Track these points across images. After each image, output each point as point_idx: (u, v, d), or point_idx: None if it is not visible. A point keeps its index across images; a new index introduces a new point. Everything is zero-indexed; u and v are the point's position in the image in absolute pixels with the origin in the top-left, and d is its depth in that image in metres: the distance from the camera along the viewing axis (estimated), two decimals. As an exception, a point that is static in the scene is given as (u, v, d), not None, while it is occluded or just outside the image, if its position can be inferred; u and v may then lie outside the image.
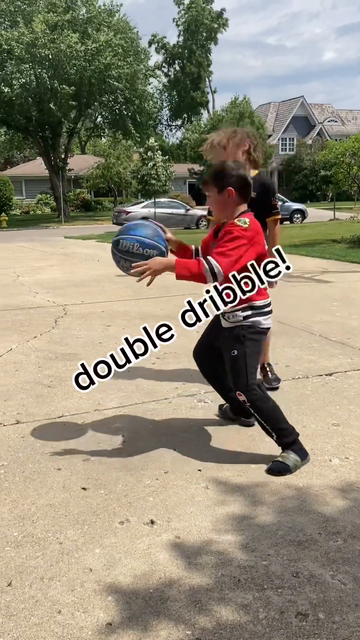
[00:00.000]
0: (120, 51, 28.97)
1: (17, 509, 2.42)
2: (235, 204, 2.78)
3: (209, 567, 2.03)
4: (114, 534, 2.24)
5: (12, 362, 4.53)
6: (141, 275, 2.73)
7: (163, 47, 59.53)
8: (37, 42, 26.16)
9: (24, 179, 46.44)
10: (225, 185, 2.75)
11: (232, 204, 2.78)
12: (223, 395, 3.29)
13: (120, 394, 3.79)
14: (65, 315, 6.28)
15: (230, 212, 2.80)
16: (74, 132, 35.81)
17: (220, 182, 2.77)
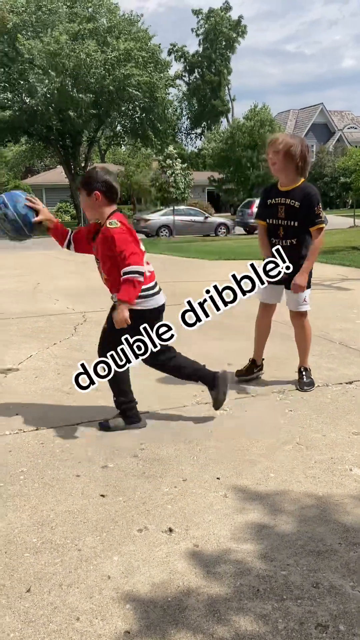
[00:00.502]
0: (140, 60, 29.22)
1: (37, 515, 2.43)
2: (102, 205, 3.17)
3: (227, 577, 2.02)
4: (132, 541, 2.24)
5: (32, 369, 4.56)
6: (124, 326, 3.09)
7: (182, 56, 59.90)
8: (61, 52, 26.50)
9: (44, 187, 46.97)
10: (92, 189, 3.13)
11: (100, 206, 3.17)
12: (153, 367, 3.58)
13: (138, 401, 3.78)
14: (84, 322, 6.31)
15: (99, 213, 3.20)
16: (94, 141, 36.13)
17: (88, 187, 3.15)
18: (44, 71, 26.92)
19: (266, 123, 35.00)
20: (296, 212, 3.72)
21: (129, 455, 2.99)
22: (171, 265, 12.49)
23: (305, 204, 3.67)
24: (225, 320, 6.23)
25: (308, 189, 3.75)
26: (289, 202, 3.74)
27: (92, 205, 3.19)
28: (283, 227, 3.81)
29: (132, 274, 3.03)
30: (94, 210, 3.22)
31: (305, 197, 3.69)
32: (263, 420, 3.42)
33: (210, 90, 59.28)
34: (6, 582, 2.01)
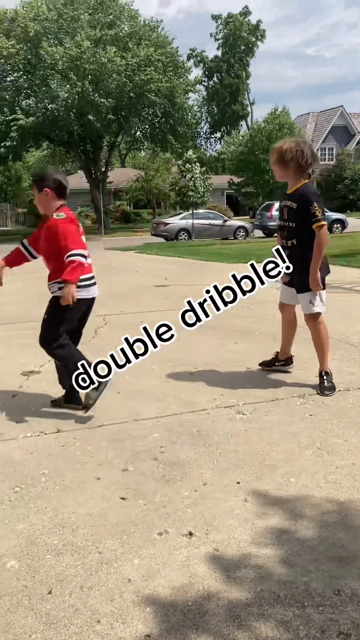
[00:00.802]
0: (160, 66, 29.37)
1: (58, 517, 2.44)
2: (52, 200, 3.51)
3: (247, 582, 2.01)
4: (152, 544, 2.24)
5: (53, 372, 4.58)
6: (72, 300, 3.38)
7: (201, 61, 60.04)
8: (82, 57, 26.76)
9: (65, 192, 47.31)
10: (44, 186, 3.48)
11: (50, 201, 3.51)
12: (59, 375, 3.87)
13: (158, 405, 3.79)
14: (105, 325, 6.34)
15: (49, 208, 3.52)
16: (114, 146, 36.38)
17: (40, 184, 3.50)
18: (66, 76, 27.21)
19: (285, 126, 34.90)
20: (295, 213, 3.85)
21: (149, 459, 2.99)
22: (190, 268, 12.51)
23: (301, 204, 3.79)
24: (251, 325, 6.23)
25: (303, 189, 3.86)
26: (289, 204, 3.88)
27: (42, 200, 3.53)
28: (287, 229, 3.95)
29: (75, 256, 3.36)
30: (44, 204, 3.54)
31: (301, 198, 3.81)
32: (283, 425, 3.40)
33: (230, 95, 59.30)
34: (28, 583, 2.02)
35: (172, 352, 5.10)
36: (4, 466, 2.93)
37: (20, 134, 28.89)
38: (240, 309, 7.12)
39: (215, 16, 59.75)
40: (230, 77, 58.74)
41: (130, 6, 32.75)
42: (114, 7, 31.59)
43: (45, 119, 28.80)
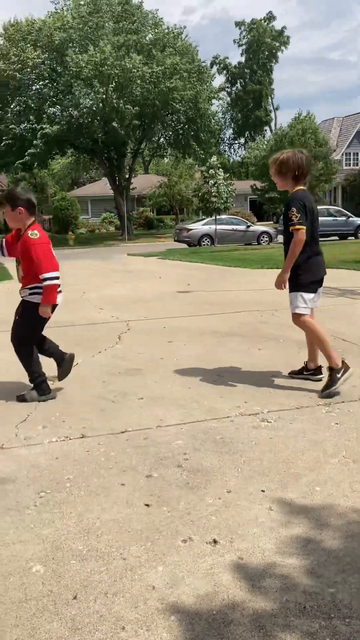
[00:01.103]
0: (185, 74, 29.53)
1: (83, 523, 2.46)
2: (24, 218, 3.93)
3: (273, 591, 1.99)
4: (176, 552, 2.24)
5: (78, 377, 4.63)
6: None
7: (225, 68, 60.20)
8: (106, 62, 27.04)
9: (89, 199, 47.83)
10: (16, 205, 3.89)
11: (22, 219, 3.93)
12: (47, 355, 4.34)
13: (182, 411, 3.79)
14: (128, 330, 6.37)
15: (21, 224, 3.96)
16: (137, 153, 36.61)
17: (13, 203, 3.89)
18: (90, 82, 27.51)
19: (308, 131, 34.71)
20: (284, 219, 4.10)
21: (173, 465, 2.99)
22: (213, 274, 12.50)
23: (285, 210, 4.03)
24: (275, 332, 6.20)
25: (290, 196, 4.08)
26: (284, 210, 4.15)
27: (15, 217, 3.95)
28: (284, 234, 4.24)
29: (50, 280, 3.91)
30: (17, 221, 3.98)
31: (286, 204, 4.06)
32: (308, 433, 3.37)
33: (253, 101, 59.30)
34: (53, 588, 2.04)
35: (195, 358, 5.11)
36: (30, 471, 2.96)
37: (45, 141, 29.27)
38: (265, 315, 7.09)
39: (238, 23, 59.88)
40: (253, 84, 58.73)
41: (155, 14, 33.03)
42: (138, 14, 31.89)
43: (70, 127, 29.16)
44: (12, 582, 2.07)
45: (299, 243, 3.96)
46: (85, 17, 29.65)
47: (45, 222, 50.55)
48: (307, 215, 3.98)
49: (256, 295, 8.87)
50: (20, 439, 3.38)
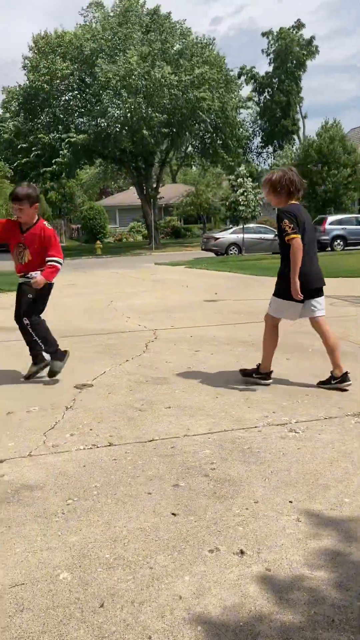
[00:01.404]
0: (213, 83, 29.72)
1: (109, 531, 2.47)
2: (35, 212, 4.79)
3: (301, 604, 1.97)
4: (203, 562, 2.23)
5: (105, 385, 4.66)
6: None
7: (252, 77, 60.29)
8: (134, 73, 27.39)
9: (117, 208, 48.28)
10: (36, 201, 4.73)
11: (35, 213, 4.77)
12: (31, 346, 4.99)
13: (209, 420, 3.79)
14: (155, 339, 6.40)
15: (33, 218, 4.78)
16: (165, 162, 36.87)
17: (32, 201, 4.68)
18: (118, 92, 27.88)
19: (336, 138, 34.49)
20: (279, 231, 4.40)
21: (199, 475, 2.99)
22: (240, 283, 12.48)
23: (278, 222, 4.28)
24: (303, 341, 6.16)
25: (280, 210, 4.33)
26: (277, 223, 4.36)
27: (32, 213, 4.73)
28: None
29: (57, 263, 4.76)
30: (31, 216, 4.75)
31: (277, 217, 4.32)
32: (337, 444, 3.33)
33: (280, 110, 59.21)
34: (80, 595, 2.05)
35: (223, 367, 5.10)
36: (58, 478, 2.99)
37: (73, 151, 29.67)
38: (293, 324, 7.04)
39: (265, 33, 59.94)
40: (281, 93, 58.67)
41: (183, 24, 33.36)
42: (166, 25, 32.25)
43: (98, 136, 29.54)
44: (40, 589, 2.09)
45: (298, 251, 4.18)
46: (114, 28, 30.11)
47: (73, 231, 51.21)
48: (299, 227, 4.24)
49: (284, 304, 8.81)
50: (49, 447, 3.41)
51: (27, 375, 4.94)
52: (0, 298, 10.84)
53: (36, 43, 31.84)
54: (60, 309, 8.69)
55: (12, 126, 31.29)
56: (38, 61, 30.88)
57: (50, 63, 30.26)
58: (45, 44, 31.37)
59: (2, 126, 32.23)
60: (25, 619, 1.93)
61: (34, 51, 32.06)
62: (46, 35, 31.80)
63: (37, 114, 31.90)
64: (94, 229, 40.69)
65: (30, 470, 3.09)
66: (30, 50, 32.40)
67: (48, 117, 31.69)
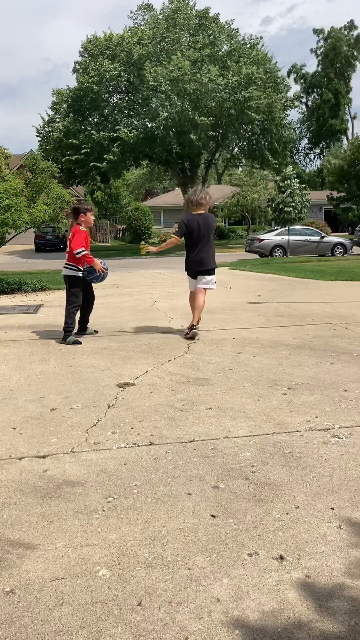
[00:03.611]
0: (260, 83, 29.53)
1: (148, 530, 2.48)
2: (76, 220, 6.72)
3: (341, 613, 1.93)
4: (242, 565, 2.21)
5: (147, 385, 4.69)
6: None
7: (302, 77, 59.67)
8: (184, 78, 27.48)
9: (162, 209, 48.51)
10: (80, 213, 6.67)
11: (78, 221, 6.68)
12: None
13: (250, 423, 3.76)
14: (198, 340, 6.39)
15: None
16: (211, 163, 36.84)
17: (78, 212, 6.68)
18: (167, 96, 28.02)
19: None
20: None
21: (240, 477, 2.97)
22: (284, 285, 12.34)
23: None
24: (348, 346, 6.05)
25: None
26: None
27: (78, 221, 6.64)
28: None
29: (79, 253, 6.47)
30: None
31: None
32: (382, 451, 3.25)
33: (329, 110, 58.37)
34: (119, 593, 2.06)
35: (265, 370, 5.05)
36: (99, 475, 3.02)
37: (122, 150, 29.93)
38: (338, 329, 6.92)
39: (316, 30, 59.22)
40: (330, 92, 57.84)
41: (230, 25, 33.25)
42: (213, 27, 32.22)
43: (146, 137, 29.74)
44: (79, 584, 2.11)
45: (171, 243, 6.72)
46: (163, 32, 30.28)
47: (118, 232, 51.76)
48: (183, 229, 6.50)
49: (329, 307, 8.68)
50: (90, 444, 3.45)
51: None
52: (47, 296, 11.05)
53: (86, 47, 32.34)
54: (104, 309, 8.79)
55: (62, 126, 31.81)
56: (87, 64, 31.36)
57: (98, 65, 30.67)
58: (94, 46, 31.82)
59: (52, 126, 32.82)
60: (64, 613, 1.96)
61: (83, 55, 32.57)
62: (95, 39, 32.25)
63: (86, 116, 32.37)
64: (139, 229, 41.00)
65: (72, 467, 3.13)
66: (80, 55, 32.93)
67: (96, 118, 32.12)
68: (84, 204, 6.92)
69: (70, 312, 6.54)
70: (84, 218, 6.63)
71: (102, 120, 31.83)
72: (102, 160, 30.33)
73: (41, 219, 11.34)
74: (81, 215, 6.62)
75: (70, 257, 6.56)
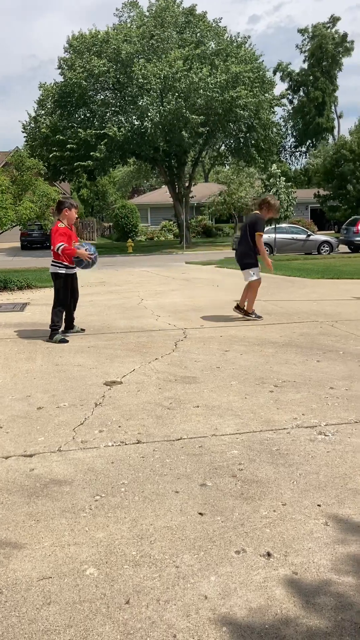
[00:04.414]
0: (248, 82, 29.57)
1: (136, 529, 2.48)
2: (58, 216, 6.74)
3: (327, 609, 1.95)
4: (229, 563, 2.22)
5: (135, 383, 4.68)
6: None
7: (288, 75, 59.85)
8: (175, 76, 27.43)
9: (149, 207, 48.43)
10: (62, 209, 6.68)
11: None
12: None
13: (238, 421, 3.77)
14: (185, 338, 6.40)
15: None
16: (198, 161, 36.81)
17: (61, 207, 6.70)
18: (158, 94, 27.95)
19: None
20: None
21: (227, 475, 2.98)
22: (271, 283, 12.38)
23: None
24: (334, 344, 6.08)
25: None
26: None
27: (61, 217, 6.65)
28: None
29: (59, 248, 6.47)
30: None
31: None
32: (367, 448, 3.28)
33: (315, 108, 58.62)
34: (107, 591, 2.06)
35: (252, 368, 5.07)
36: (86, 474, 3.01)
37: (108, 147, 29.79)
38: (324, 326, 6.97)
39: (301, 30, 59.46)
40: (316, 90, 58.10)
41: (218, 23, 33.23)
42: (200, 25, 32.18)
43: (133, 135, 29.63)
44: (67, 583, 2.11)
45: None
46: (152, 30, 30.18)
47: (105, 229, 51.58)
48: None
49: (315, 305, 8.73)
50: (78, 442, 3.44)
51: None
52: (33, 294, 10.99)
53: (71, 44, 32.10)
54: (91, 307, 8.77)
55: (49, 122, 31.57)
56: (74, 60, 31.13)
57: (85, 62, 30.47)
58: (80, 43, 31.61)
59: (38, 121, 32.55)
60: (52, 612, 1.96)
61: (69, 52, 32.34)
62: (81, 36, 32.03)
63: (72, 112, 32.15)
64: (126, 227, 40.90)
65: (59, 465, 3.13)
66: (65, 51, 32.70)
67: (84, 115, 31.92)
68: (69, 200, 6.89)
69: (56, 310, 6.55)
70: (67, 213, 6.60)
71: (89, 117, 31.65)
72: (89, 157, 30.17)
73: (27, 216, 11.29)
74: (65, 210, 6.59)
75: (55, 254, 6.59)
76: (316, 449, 3.29)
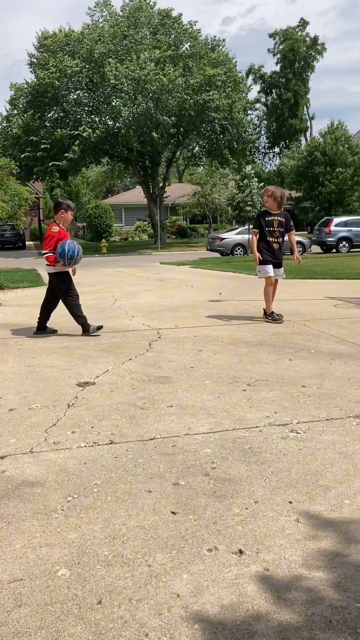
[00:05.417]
0: (220, 84, 29.71)
1: (108, 529, 2.47)
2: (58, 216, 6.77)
3: (298, 604, 1.97)
4: (202, 560, 2.23)
5: (108, 383, 4.67)
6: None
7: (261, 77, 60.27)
8: (147, 78, 27.40)
9: (123, 207, 48.28)
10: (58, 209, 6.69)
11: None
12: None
13: (211, 420, 3.79)
14: (159, 339, 6.40)
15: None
16: (172, 162, 36.84)
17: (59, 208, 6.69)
18: (128, 95, 27.89)
19: (341, 139, 34.56)
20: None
21: (200, 474, 2.99)
22: (245, 283, 12.46)
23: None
24: (306, 342, 6.14)
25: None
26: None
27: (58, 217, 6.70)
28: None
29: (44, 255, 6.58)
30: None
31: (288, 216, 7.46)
32: (338, 445, 3.33)
33: (288, 110, 59.15)
34: (78, 592, 2.05)
35: (226, 367, 5.09)
36: (58, 475, 2.99)
37: (82, 148, 29.62)
38: (297, 326, 7.03)
39: (272, 34, 59.97)
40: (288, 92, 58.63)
41: (193, 26, 33.31)
42: (175, 27, 32.21)
43: (107, 135, 29.53)
44: (38, 585, 2.09)
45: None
46: (125, 31, 30.10)
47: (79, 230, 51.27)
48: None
49: (287, 305, 8.81)
50: (50, 444, 3.42)
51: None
52: (5, 295, 10.87)
53: (42, 42, 31.82)
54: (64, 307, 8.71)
55: (21, 121, 31.25)
56: (47, 59, 30.87)
57: (58, 61, 30.25)
58: (52, 42, 31.37)
59: (10, 120, 32.21)
60: (23, 614, 1.94)
61: (40, 50, 32.05)
62: (53, 35, 31.78)
63: (46, 111, 31.89)
64: (100, 227, 40.70)
65: (31, 467, 3.10)
66: (36, 49, 32.39)
67: (57, 114, 31.69)
68: (67, 201, 6.84)
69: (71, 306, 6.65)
70: (64, 215, 6.59)
71: (63, 117, 31.43)
72: (62, 158, 29.96)
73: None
74: (62, 212, 6.58)
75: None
76: (288, 447, 3.33)
